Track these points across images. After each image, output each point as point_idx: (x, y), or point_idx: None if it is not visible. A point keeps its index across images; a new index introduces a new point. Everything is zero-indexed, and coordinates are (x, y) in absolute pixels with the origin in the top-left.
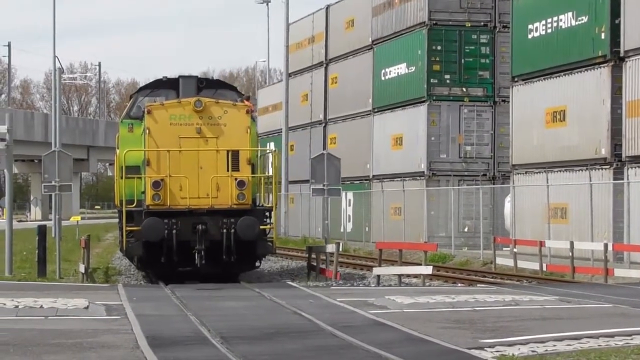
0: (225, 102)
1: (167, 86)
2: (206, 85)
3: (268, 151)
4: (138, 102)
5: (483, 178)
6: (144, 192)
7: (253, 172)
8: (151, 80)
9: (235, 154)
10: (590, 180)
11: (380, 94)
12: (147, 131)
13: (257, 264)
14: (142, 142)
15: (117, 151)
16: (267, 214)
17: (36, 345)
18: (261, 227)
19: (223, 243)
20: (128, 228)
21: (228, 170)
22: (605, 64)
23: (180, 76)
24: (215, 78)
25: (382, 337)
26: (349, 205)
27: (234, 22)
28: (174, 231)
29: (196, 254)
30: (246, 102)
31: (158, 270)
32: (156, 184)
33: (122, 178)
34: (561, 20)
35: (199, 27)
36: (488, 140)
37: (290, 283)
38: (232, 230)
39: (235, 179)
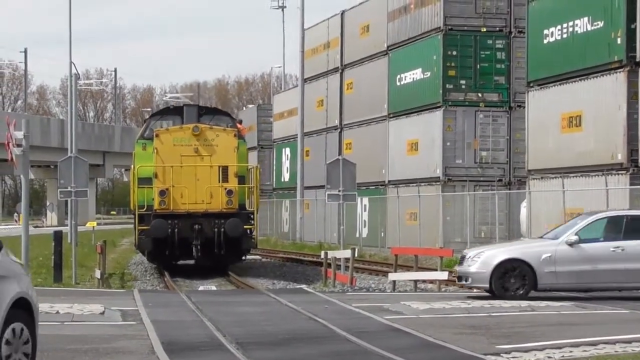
0: (218, 127)
1: (173, 113)
2: (205, 112)
3: (255, 166)
4: (151, 125)
5: (499, 183)
6: (153, 199)
7: (243, 182)
8: (162, 108)
9: (225, 169)
10: (607, 186)
11: (396, 100)
12: (156, 151)
13: (243, 257)
14: (152, 159)
15: (132, 166)
16: (251, 216)
17: (52, 351)
18: (245, 226)
19: (215, 239)
20: (140, 227)
21: (219, 182)
22: (621, 69)
23: (184, 105)
24: (213, 106)
25: (397, 342)
26: (365, 210)
27: (249, 28)
28: (176, 230)
29: (194, 248)
30: (239, 125)
31: (163, 262)
32: (162, 192)
33: (137, 187)
34: (577, 25)
35: (214, 33)
36: (504, 145)
37: (305, 288)
38: (222, 229)
39: (225, 189)
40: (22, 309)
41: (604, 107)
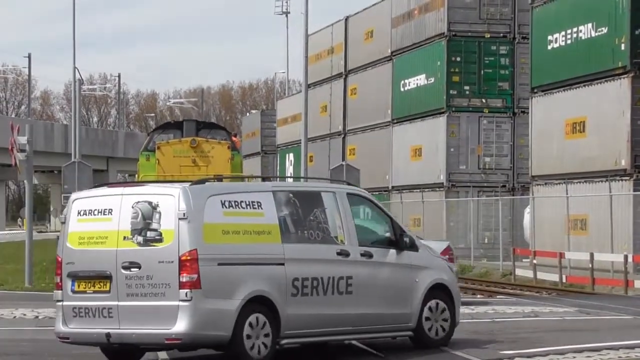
0: (213, 140)
1: (174, 127)
2: (203, 126)
3: (249, 176)
4: (154, 138)
5: (502, 189)
6: None
7: None
8: (164, 122)
9: (219, 178)
10: (610, 192)
11: (400, 105)
12: (157, 162)
13: None
14: (155, 169)
15: (137, 175)
16: None
17: (56, 356)
18: None
19: None
20: None
21: None
22: (625, 75)
23: (184, 120)
24: (210, 121)
25: (400, 347)
26: None
27: (253, 33)
28: None
29: None
30: (234, 138)
31: None
32: None
33: None
34: (581, 31)
35: (218, 38)
36: (507, 151)
37: None
38: None
39: None
40: (440, 290)
41: (607, 113)
